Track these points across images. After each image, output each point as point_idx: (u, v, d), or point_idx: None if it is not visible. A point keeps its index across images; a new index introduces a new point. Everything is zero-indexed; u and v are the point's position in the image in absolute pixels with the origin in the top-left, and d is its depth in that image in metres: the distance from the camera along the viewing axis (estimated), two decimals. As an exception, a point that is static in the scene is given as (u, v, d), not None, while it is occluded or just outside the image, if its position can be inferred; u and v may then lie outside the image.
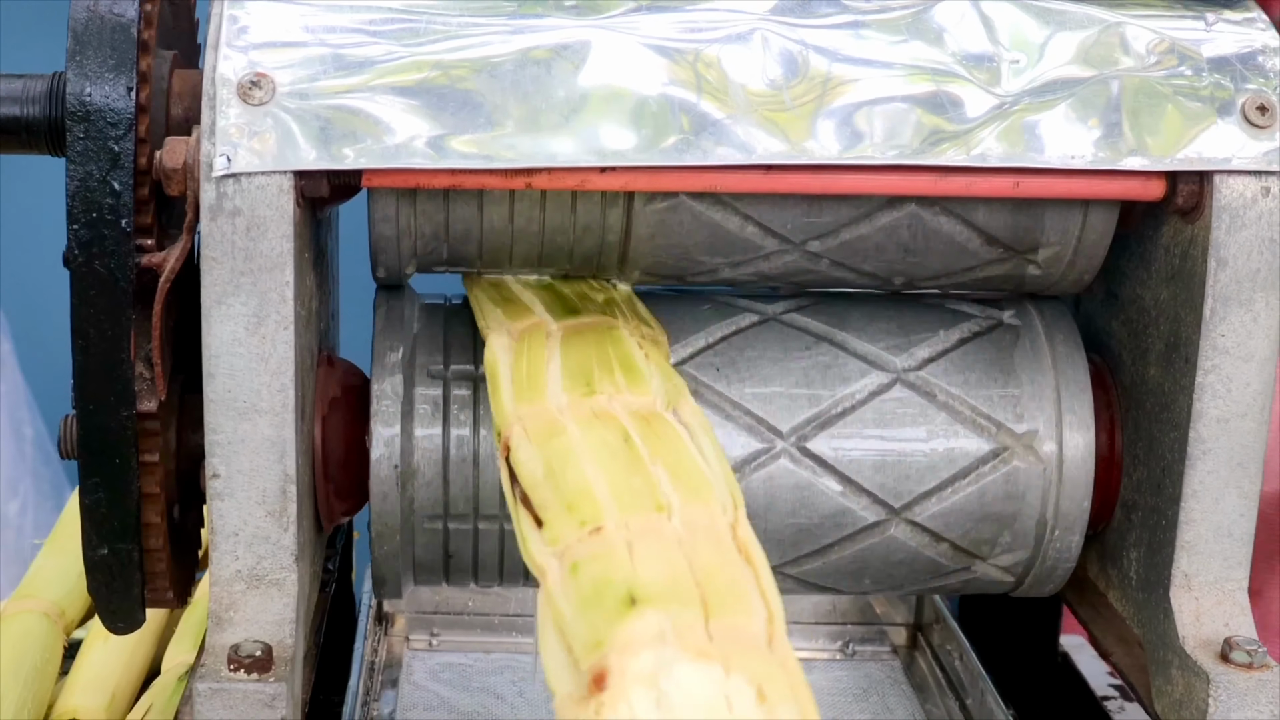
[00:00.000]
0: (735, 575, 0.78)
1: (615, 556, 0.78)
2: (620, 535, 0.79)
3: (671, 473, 0.84)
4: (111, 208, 0.89)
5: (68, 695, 1.31)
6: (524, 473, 0.86)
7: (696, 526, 0.81)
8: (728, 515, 0.82)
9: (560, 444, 0.86)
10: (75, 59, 0.90)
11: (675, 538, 0.79)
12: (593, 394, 0.91)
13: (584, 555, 0.79)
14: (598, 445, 0.86)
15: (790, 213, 0.98)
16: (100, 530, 0.93)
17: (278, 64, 0.90)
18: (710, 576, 0.76)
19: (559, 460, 0.85)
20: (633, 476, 0.83)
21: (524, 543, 0.83)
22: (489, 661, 1.31)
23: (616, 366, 0.93)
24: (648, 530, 0.80)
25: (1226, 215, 0.94)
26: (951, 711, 1.24)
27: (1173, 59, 0.95)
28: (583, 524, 0.81)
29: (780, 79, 0.92)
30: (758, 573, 0.78)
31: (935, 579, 1.07)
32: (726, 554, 0.79)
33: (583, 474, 0.84)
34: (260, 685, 0.89)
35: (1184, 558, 0.98)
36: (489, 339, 0.96)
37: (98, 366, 0.90)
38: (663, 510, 0.81)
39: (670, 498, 0.82)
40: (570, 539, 0.80)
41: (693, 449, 0.87)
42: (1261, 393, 0.96)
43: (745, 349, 1.03)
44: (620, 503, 0.81)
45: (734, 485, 0.85)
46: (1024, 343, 1.04)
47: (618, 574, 0.77)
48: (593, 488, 0.83)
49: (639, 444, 0.86)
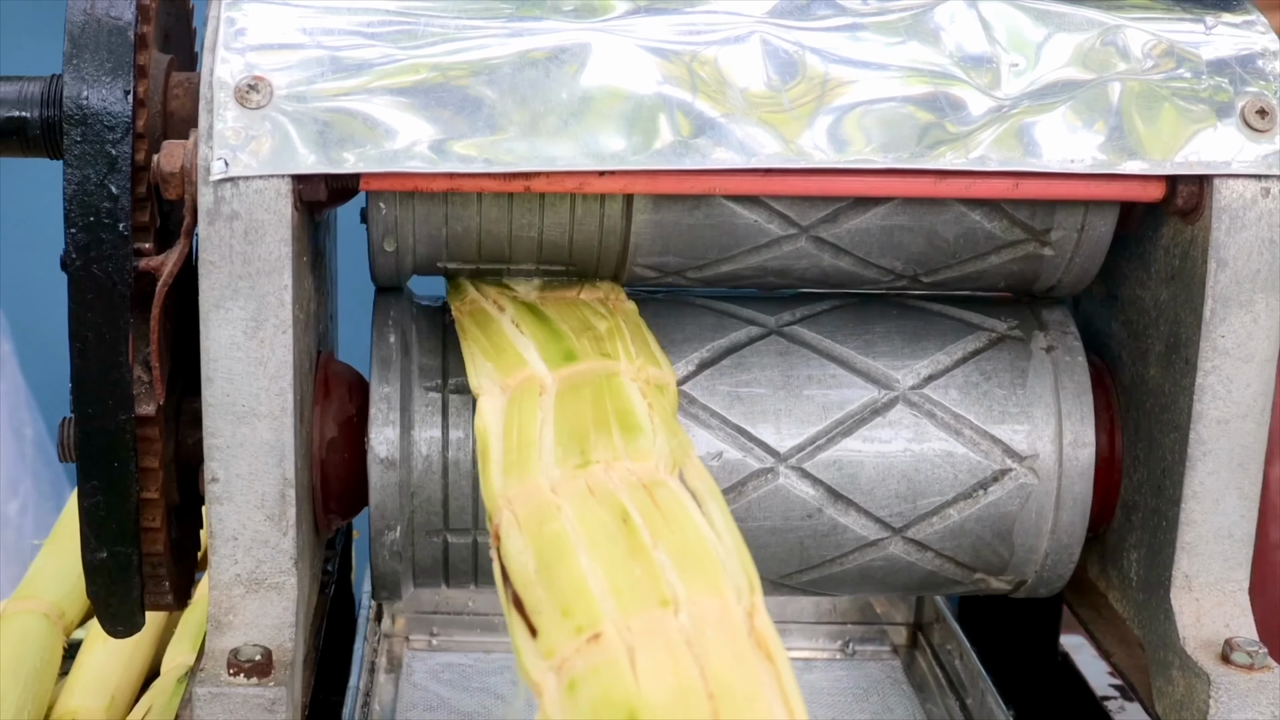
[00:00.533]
0: (751, 677, 0.71)
1: (616, 669, 0.71)
2: (621, 641, 0.72)
3: (676, 557, 0.77)
4: (109, 211, 0.89)
5: (68, 696, 1.31)
6: (515, 568, 0.79)
7: (707, 621, 0.73)
8: (743, 602, 0.75)
9: (552, 531, 0.80)
10: (72, 62, 0.90)
11: (683, 638, 0.72)
12: (588, 464, 0.83)
13: (582, 670, 0.72)
14: (594, 529, 0.79)
15: (795, 203, 0.98)
16: (99, 533, 0.93)
17: (275, 66, 0.90)
18: (724, 684, 0.70)
19: (552, 551, 0.78)
20: (633, 565, 0.76)
21: (518, 654, 0.76)
22: (489, 661, 1.31)
23: (615, 425, 0.86)
24: (651, 632, 0.73)
25: (1226, 216, 0.94)
26: (951, 711, 1.24)
27: (1171, 62, 0.95)
28: (579, 631, 0.74)
29: (778, 81, 0.92)
30: (778, 670, 0.71)
31: (935, 588, 1.07)
32: (741, 653, 0.72)
33: (578, 568, 0.77)
34: (260, 690, 0.89)
35: (1184, 559, 0.98)
36: (479, 401, 0.91)
37: (96, 370, 0.90)
38: (668, 605, 0.74)
39: (676, 589, 0.75)
40: (567, 649, 0.74)
41: (700, 521, 0.80)
42: (1262, 394, 0.96)
43: (746, 365, 1.02)
44: (620, 600, 0.74)
45: (748, 562, 0.78)
46: (1027, 354, 1.03)
47: (618, 693, 0.70)
48: (589, 584, 0.76)
49: (639, 524, 0.79)
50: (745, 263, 1.01)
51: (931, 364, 1.03)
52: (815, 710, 0.71)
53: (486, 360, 0.93)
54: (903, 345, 1.03)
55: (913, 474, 1.01)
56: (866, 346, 1.03)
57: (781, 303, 1.05)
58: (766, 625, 0.74)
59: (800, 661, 1.33)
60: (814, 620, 1.35)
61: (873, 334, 1.03)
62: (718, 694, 0.69)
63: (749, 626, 0.74)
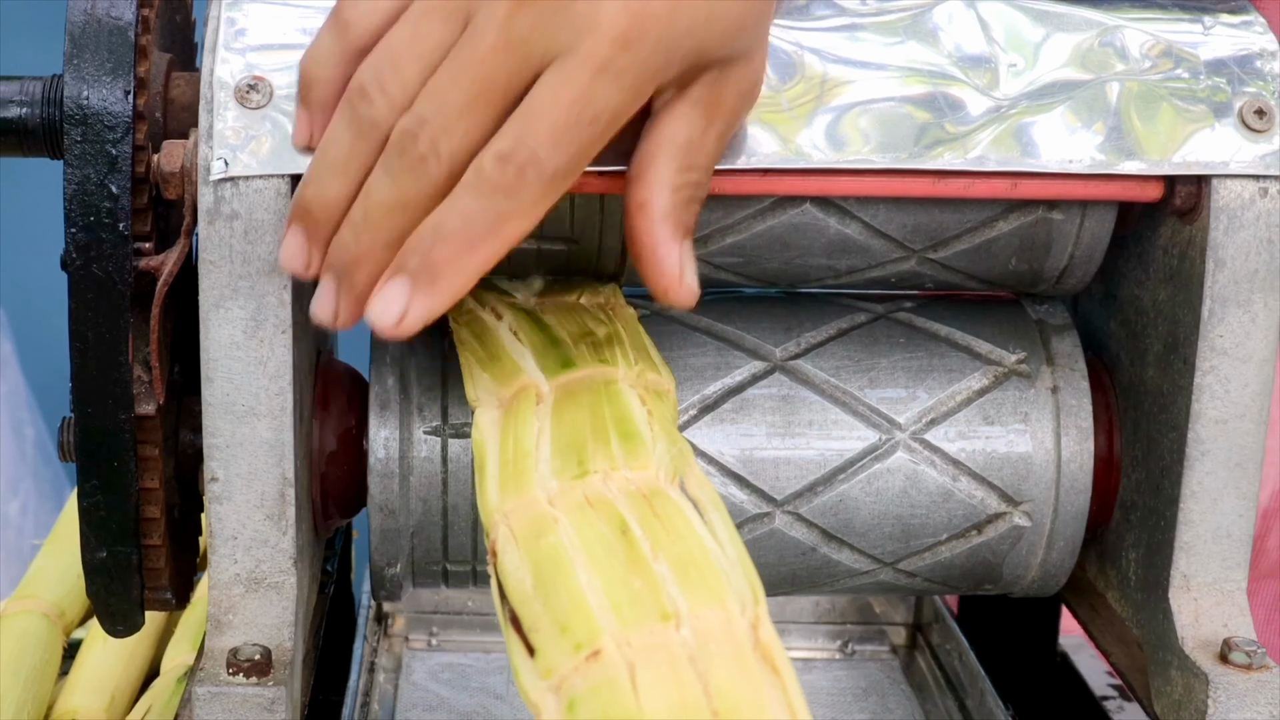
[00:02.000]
0: (757, 693, 0.69)
1: (616, 688, 0.69)
2: (621, 658, 0.70)
3: (677, 568, 0.74)
4: (109, 211, 0.89)
5: (68, 695, 1.31)
6: (512, 585, 0.77)
7: (710, 635, 0.71)
8: (747, 614, 0.73)
9: (549, 545, 0.77)
10: (73, 62, 0.90)
11: (686, 654, 0.70)
12: (585, 474, 0.81)
13: (581, 690, 0.70)
14: (592, 543, 0.77)
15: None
16: (99, 533, 0.93)
17: (275, 66, 0.90)
18: (729, 701, 0.68)
19: (549, 566, 0.76)
20: (633, 579, 0.74)
21: (517, 674, 0.75)
22: (489, 661, 1.31)
23: (613, 433, 0.84)
24: (652, 648, 0.70)
25: (1224, 216, 0.94)
26: (950, 711, 1.24)
27: (1169, 62, 0.95)
28: (578, 648, 0.71)
29: (777, 81, 0.92)
30: (784, 683, 0.69)
31: (933, 587, 1.07)
32: (746, 667, 0.70)
33: (576, 583, 0.74)
34: (259, 689, 0.89)
35: (1183, 559, 0.98)
36: (476, 414, 0.90)
37: (96, 370, 0.90)
38: (669, 619, 0.72)
39: (678, 602, 0.73)
40: (565, 668, 0.71)
41: (702, 531, 0.78)
42: (1260, 393, 0.96)
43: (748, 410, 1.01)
44: (620, 615, 0.72)
45: (752, 573, 0.76)
46: (1032, 394, 1.02)
47: (618, 711, 0.68)
48: (587, 600, 0.73)
49: (639, 535, 0.77)
50: (750, 230, 0.99)
51: (935, 406, 1.02)
52: (814, 710, 0.70)
53: (483, 371, 0.92)
54: (906, 382, 1.02)
55: (908, 517, 1.01)
56: (870, 385, 1.02)
57: (786, 329, 1.03)
58: (772, 638, 0.72)
59: (799, 661, 1.33)
60: (813, 620, 1.35)
61: (877, 369, 1.02)
62: (722, 712, 0.68)
63: (754, 639, 0.72)
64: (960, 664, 1.25)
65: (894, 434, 1.01)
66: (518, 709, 1.22)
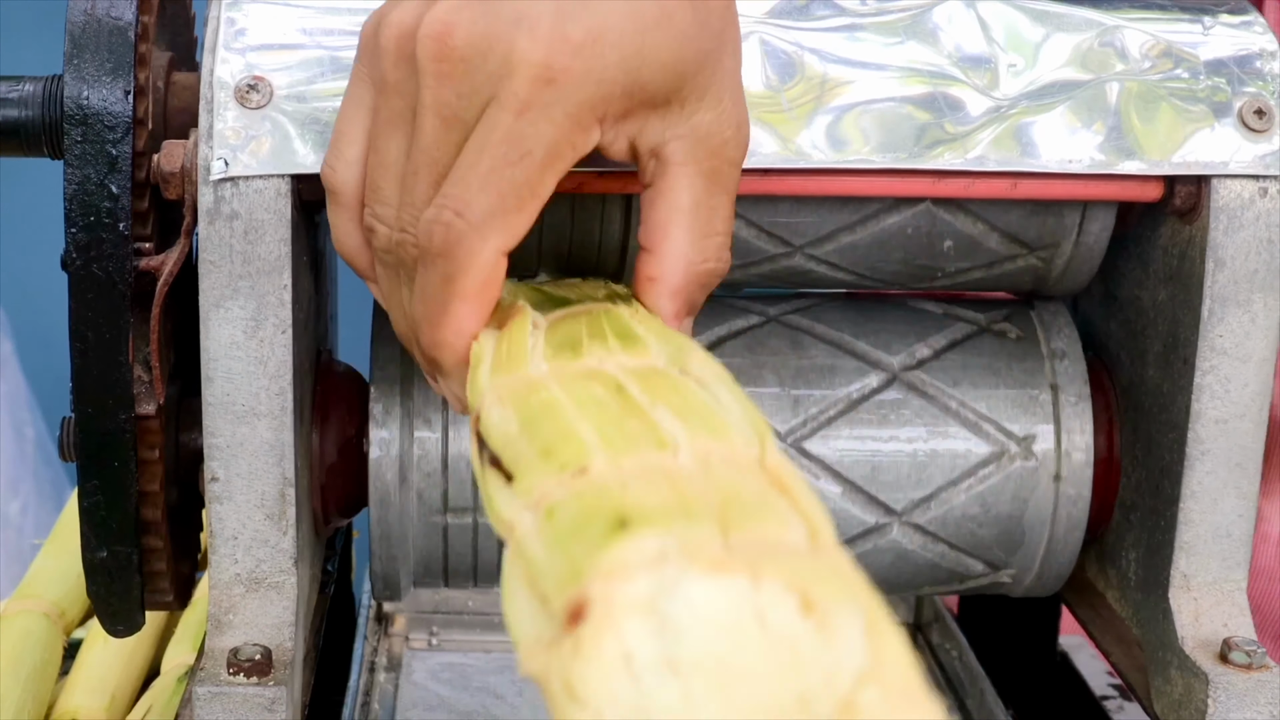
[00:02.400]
0: (763, 492, 0.61)
1: (604, 492, 0.61)
2: (613, 472, 0.62)
3: (678, 413, 0.67)
4: (109, 211, 0.89)
5: (68, 695, 1.31)
6: (495, 435, 0.70)
7: (711, 458, 0.63)
8: (752, 449, 0.65)
9: (539, 398, 0.70)
10: (73, 62, 0.90)
11: (685, 472, 0.62)
12: (580, 358, 0.75)
13: (563, 497, 0.62)
14: (585, 400, 0.69)
15: (794, 217, 0.98)
16: (99, 533, 0.93)
17: (275, 66, 0.90)
18: (730, 493, 0.60)
19: (539, 410, 0.69)
20: (628, 420, 0.66)
21: (490, 504, 0.67)
22: (489, 661, 1.31)
23: (610, 334, 0.78)
24: (648, 468, 0.62)
25: (1224, 216, 0.94)
26: (950, 711, 1.24)
27: (1169, 62, 0.95)
28: (563, 468, 0.62)
29: (777, 81, 0.92)
30: (795, 498, 0.61)
31: (939, 584, 1.07)
32: (751, 476, 0.62)
33: (564, 420, 0.67)
34: (260, 689, 0.89)
35: (1182, 558, 0.98)
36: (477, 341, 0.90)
37: (96, 370, 0.90)
38: (666, 447, 0.64)
39: (676, 435, 0.65)
40: (548, 485, 0.63)
41: (706, 396, 0.70)
42: (1259, 393, 0.96)
43: (748, 351, 1.02)
44: (611, 445, 0.64)
45: (758, 420, 0.67)
46: (1022, 346, 1.04)
47: (606, 504, 0.59)
48: (577, 430, 0.65)
49: (636, 392, 0.69)
50: (745, 273, 1.02)
51: (927, 347, 1.03)
52: (814, 710, 0.66)
53: None
54: (897, 327, 1.03)
55: (909, 454, 1.01)
56: (858, 330, 1.03)
57: (774, 299, 1.06)
58: (779, 461, 0.64)
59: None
60: (813, 620, 1.35)
61: (866, 320, 1.04)
62: (722, 501, 0.59)
63: (760, 466, 0.64)
64: (960, 664, 1.25)
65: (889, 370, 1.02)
66: (518, 709, 1.22)
